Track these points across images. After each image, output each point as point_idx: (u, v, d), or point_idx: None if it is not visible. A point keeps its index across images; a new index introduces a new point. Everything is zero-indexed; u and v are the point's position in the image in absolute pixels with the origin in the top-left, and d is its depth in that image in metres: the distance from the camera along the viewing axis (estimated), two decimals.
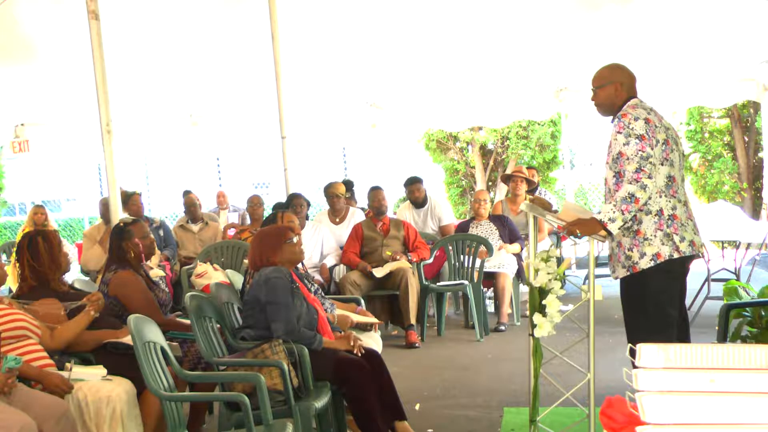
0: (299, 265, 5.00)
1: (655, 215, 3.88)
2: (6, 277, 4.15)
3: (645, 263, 3.88)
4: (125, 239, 4.65)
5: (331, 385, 4.19)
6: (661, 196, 3.89)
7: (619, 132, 3.88)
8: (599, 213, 3.89)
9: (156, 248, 5.27)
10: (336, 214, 7.97)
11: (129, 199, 7.94)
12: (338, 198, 7.92)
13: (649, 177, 3.78)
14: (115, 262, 4.66)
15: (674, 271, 3.94)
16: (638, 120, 3.86)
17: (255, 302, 4.30)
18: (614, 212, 3.81)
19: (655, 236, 3.87)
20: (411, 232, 7.46)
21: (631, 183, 3.79)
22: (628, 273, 3.93)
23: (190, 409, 4.34)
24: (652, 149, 3.82)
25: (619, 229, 3.86)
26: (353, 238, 7.37)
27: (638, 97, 4.09)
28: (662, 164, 3.89)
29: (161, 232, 8.05)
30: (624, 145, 3.85)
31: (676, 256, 3.88)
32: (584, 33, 8.04)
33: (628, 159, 3.83)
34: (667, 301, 3.94)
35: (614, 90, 4.06)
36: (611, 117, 4.10)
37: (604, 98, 4.10)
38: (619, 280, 4.04)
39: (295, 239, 4.49)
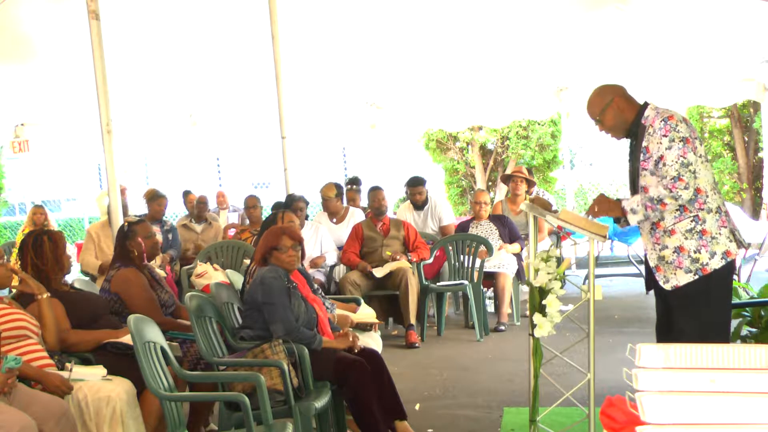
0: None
1: (716, 212, 3.75)
2: (11, 279, 4.15)
3: (716, 263, 3.71)
4: (129, 238, 4.70)
5: (331, 385, 4.19)
6: (715, 193, 3.77)
7: (664, 135, 3.69)
8: (626, 199, 3.80)
9: (159, 249, 5.29)
10: (331, 215, 7.97)
11: (156, 200, 7.95)
12: (326, 200, 7.93)
13: (685, 188, 3.64)
14: (119, 260, 4.72)
15: (733, 267, 3.85)
16: (682, 122, 3.72)
17: (253, 303, 4.31)
18: (638, 206, 3.74)
19: (720, 233, 3.73)
20: (411, 232, 7.45)
21: (666, 188, 3.66)
22: (696, 277, 3.73)
23: (190, 409, 4.33)
24: (695, 153, 3.68)
25: (638, 223, 3.80)
26: (353, 238, 7.37)
27: (647, 102, 3.90)
28: (706, 160, 3.77)
29: (170, 236, 8.06)
30: (666, 149, 3.68)
31: (741, 250, 3.80)
32: (584, 33, 8.04)
33: (666, 165, 3.67)
34: (730, 301, 3.87)
35: (617, 107, 3.89)
36: (628, 133, 3.93)
37: (612, 121, 3.91)
38: (669, 289, 3.81)
39: (289, 249, 4.42)
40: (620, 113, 3.90)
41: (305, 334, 4.22)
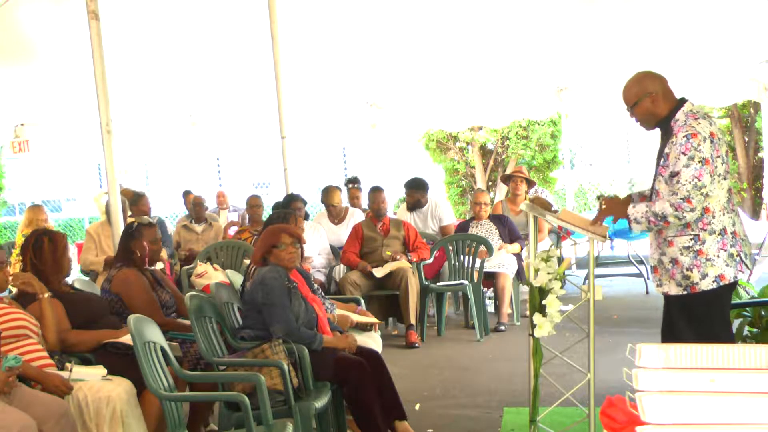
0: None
1: (719, 234, 3.68)
2: (9, 282, 4.15)
3: (706, 285, 3.67)
4: (134, 238, 4.70)
5: (331, 385, 4.19)
6: (724, 214, 3.70)
7: (683, 153, 3.62)
8: (633, 208, 3.75)
9: (161, 255, 5.30)
10: (332, 217, 8.00)
11: (139, 201, 7.95)
12: (333, 207, 7.98)
13: (692, 210, 3.59)
14: (121, 260, 4.73)
15: (730, 290, 3.81)
16: (706, 141, 3.62)
17: (253, 303, 4.31)
18: (642, 218, 3.70)
19: (718, 257, 3.67)
20: (411, 232, 7.45)
21: (672, 206, 3.61)
22: (685, 292, 3.73)
23: (190, 409, 4.33)
24: (712, 174, 3.61)
25: (640, 231, 3.78)
26: (353, 238, 7.36)
27: (684, 98, 3.84)
28: (725, 179, 3.70)
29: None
30: (684, 166, 3.61)
31: (741, 276, 3.74)
32: (584, 32, 8.04)
33: (679, 182, 3.62)
34: (723, 322, 3.83)
35: (650, 102, 3.81)
36: (659, 126, 3.87)
37: (643, 114, 3.85)
38: (661, 293, 3.86)
39: (288, 246, 4.44)
40: (653, 108, 3.82)
41: (305, 334, 4.22)
